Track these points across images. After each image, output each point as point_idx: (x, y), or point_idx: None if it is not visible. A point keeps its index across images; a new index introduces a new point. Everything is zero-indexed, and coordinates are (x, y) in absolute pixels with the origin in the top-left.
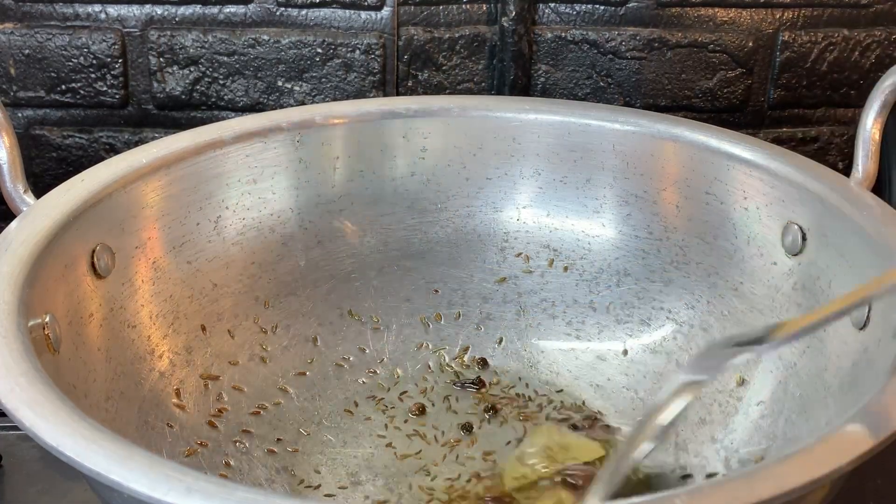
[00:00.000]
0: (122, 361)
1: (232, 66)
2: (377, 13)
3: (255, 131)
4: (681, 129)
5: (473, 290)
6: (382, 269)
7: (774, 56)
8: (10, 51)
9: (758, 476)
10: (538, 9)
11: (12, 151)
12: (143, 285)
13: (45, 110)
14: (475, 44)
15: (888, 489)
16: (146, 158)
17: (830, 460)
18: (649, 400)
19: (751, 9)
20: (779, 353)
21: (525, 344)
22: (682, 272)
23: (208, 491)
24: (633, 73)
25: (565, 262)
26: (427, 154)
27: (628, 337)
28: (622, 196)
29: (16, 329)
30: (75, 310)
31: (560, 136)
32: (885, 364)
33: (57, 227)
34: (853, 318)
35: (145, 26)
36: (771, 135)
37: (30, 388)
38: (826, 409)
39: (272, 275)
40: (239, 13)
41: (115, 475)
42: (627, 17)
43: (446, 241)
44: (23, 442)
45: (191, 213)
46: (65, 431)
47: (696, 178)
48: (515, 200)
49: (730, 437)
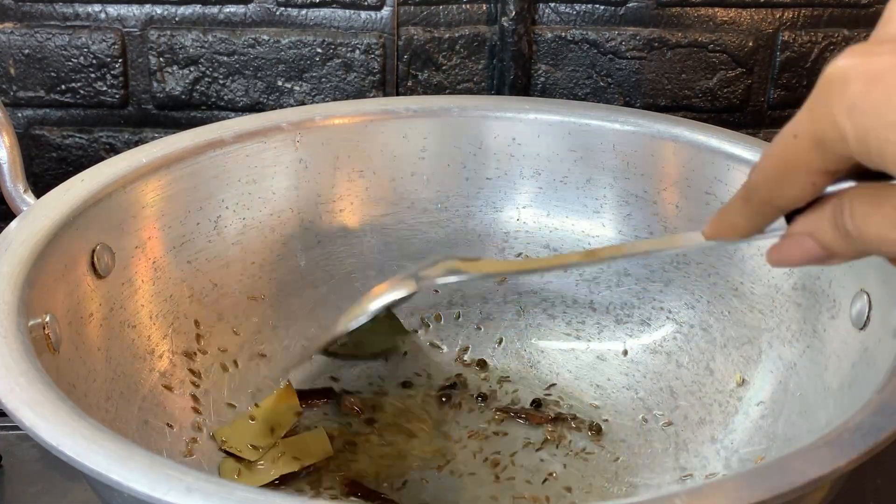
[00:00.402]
0: (122, 361)
1: (232, 65)
2: (377, 13)
3: (255, 131)
4: (681, 129)
5: (473, 290)
6: (382, 269)
7: (774, 56)
8: (10, 51)
9: (758, 476)
10: (538, 8)
11: (12, 151)
12: (143, 285)
13: (44, 110)
14: (475, 44)
15: (888, 489)
16: (146, 158)
17: (830, 460)
18: (649, 400)
19: (751, 9)
20: (779, 353)
21: (525, 344)
22: (682, 272)
23: (208, 491)
24: (633, 72)
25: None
26: (427, 154)
27: (628, 337)
28: (622, 196)
29: (16, 329)
30: (75, 310)
31: (560, 136)
32: (885, 364)
33: (57, 227)
34: (853, 317)
35: (145, 26)
36: (771, 135)
37: (30, 388)
38: (826, 409)
39: (272, 275)
40: (239, 13)
41: (115, 475)
42: (627, 16)
43: (446, 241)
44: (23, 442)
45: (191, 213)
46: (65, 431)
47: (696, 178)
48: (515, 200)
49: (730, 437)
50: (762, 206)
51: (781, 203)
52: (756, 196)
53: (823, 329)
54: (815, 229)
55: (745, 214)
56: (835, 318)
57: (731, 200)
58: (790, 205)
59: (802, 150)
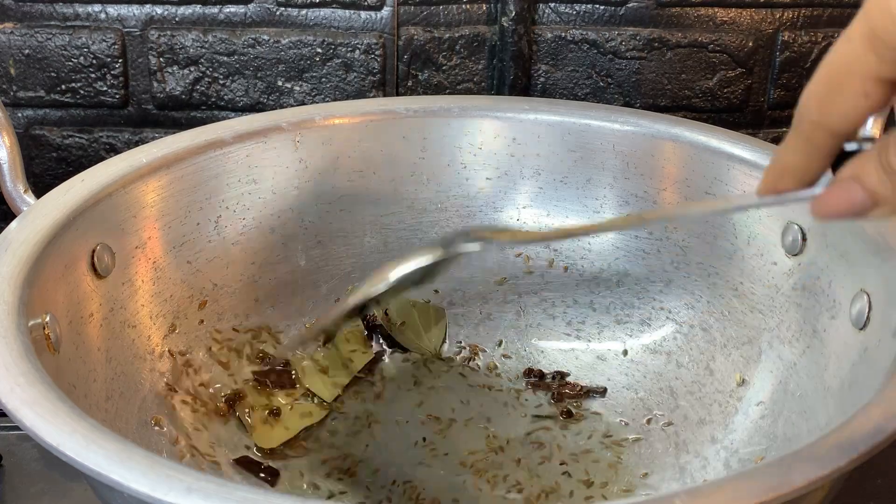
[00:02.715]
0: (122, 361)
1: (232, 65)
2: (377, 13)
3: (255, 131)
4: (680, 129)
5: (473, 291)
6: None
7: (774, 56)
8: (10, 51)
9: (758, 476)
10: (538, 9)
11: (12, 151)
12: (143, 285)
13: (45, 110)
14: (475, 44)
15: (888, 489)
16: (146, 158)
17: (830, 460)
18: (649, 400)
19: (751, 9)
20: (779, 353)
21: (525, 344)
22: (682, 272)
23: (208, 491)
24: (633, 73)
25: (565, 262)
26: (427, 154)
27: (628, 337)
28: (622, 196)
29: (16, 329)
30: (75, 310)
31: (560, 136)
32: (885, 364)
33: (57, 227)
34: (853, 318)
35: (145, 26)
36: (771, 135)
37: (30, 388)
38: (826, 409)
39: (272, 275)
40: (239, 13)
41: (115, 475)
42: (627, 16)
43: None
44: (23, 442)
45: (191, 213)
46: (65, 431)
47: (696, 178)
48: (515, 200)
49: (730, 437)
50: (814, 130)
51: (834, 122)
52: (807, 118)
53: (823, 329)
54: (862, 172)
55: (797, 148)
56: (835, 318)
57: (783, 140)
58: (842, 124)
59: (856, 52)
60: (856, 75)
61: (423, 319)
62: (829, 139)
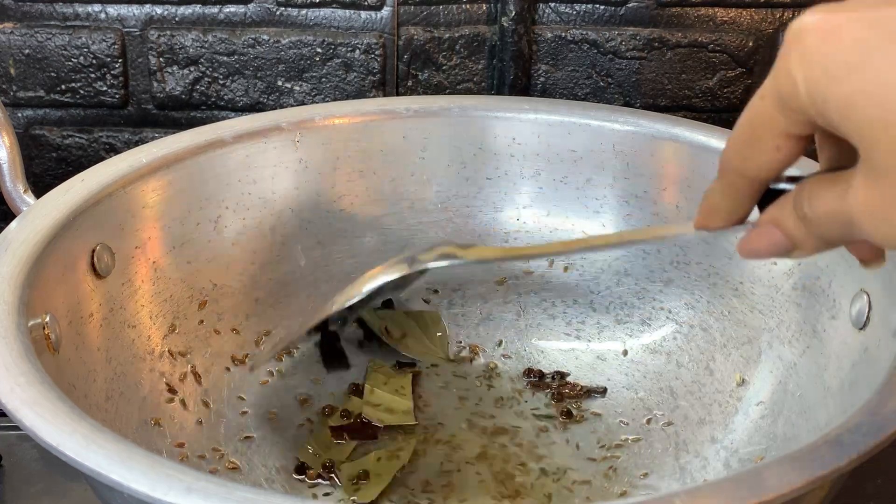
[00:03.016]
0: (122, 361)
1: (232, 65)
2: (377, 13)
3: (255, 131)
4: (680, 129)
5: (473, 290)
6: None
7: (774, 56)
8: (10, 51)
9: (758, 476)
10: (538, 8)
11: (12, 151)
12: (143, 285)
13: (44, 110)
14: (475, 44)
15: (888, 489)
16: (146, 158)
17: (830, 460)
18: (649, 400)
19: (751, 9)
20: (779, 353)
21: (525, 344)
22: (682, 272)
23: (208, 491)
24: (633, 72)
25: (565, 262)
26: (427, 154)
27: (628, 337)
28: (622, 196)
29: (16, 329)
30: (75, 310)
31: (560, 136)
32: (885, 364)
33: (57, 227)
34: (853, 318)
35: (145, 26)
36: None
37: (30, 388)
38: (826, 409)
39: (272, 275)
40: (239, 13)
41: (115, 475)
42: (627, 16)
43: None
44: (23, 442)
45: (191, 213)
46: (65, 431)
47: (696, 178)
48: (515, 200)
49: (730, 437)
50: (735, 178)
51: (751, 171)
52: (728, 167)
53: (823, 329)
54: (779, 217)
55: (723, 192)
56: (835, 318)
57: (712, 183)
58: (759, 173)
59: (767, 110)
60: (767, 131)
61: (422, 327)
62: (749, 186)
